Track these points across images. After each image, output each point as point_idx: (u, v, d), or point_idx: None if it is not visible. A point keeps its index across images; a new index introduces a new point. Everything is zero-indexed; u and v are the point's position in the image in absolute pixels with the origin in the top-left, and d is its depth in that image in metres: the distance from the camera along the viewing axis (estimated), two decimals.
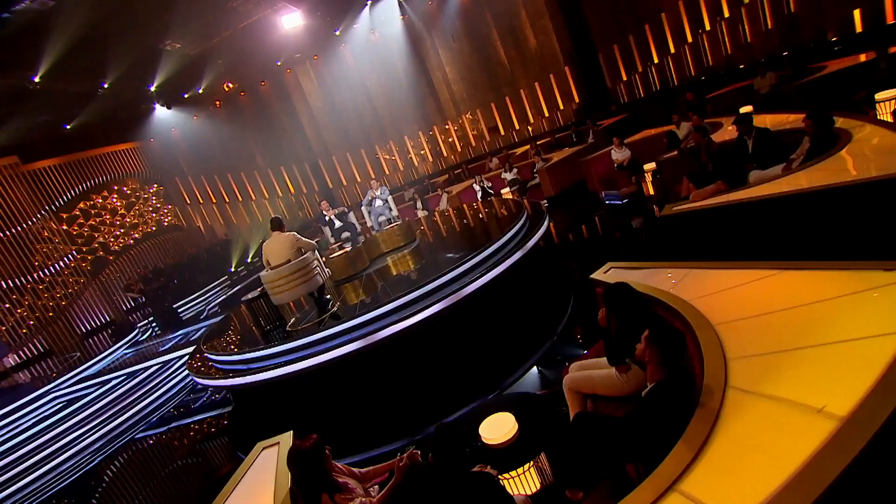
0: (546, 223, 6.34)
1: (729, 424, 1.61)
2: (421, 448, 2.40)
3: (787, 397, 1.61)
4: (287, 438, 2.81)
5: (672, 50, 13.14)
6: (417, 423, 4.35)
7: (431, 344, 5.04)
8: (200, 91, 16.33)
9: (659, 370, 1.97)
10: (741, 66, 11.36)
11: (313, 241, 5.39)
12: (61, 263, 13.86)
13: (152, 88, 14.48)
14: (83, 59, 11.23)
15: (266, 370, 4.75)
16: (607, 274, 3.29)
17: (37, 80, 10.80)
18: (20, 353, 12.62)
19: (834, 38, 9.82)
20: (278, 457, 2.67)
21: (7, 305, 12.66)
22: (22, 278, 13.02)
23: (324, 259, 7.04)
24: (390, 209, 9.12)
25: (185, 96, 16.37)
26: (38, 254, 13.56)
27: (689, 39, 12.75)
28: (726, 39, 11.97)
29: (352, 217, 9.29)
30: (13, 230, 13.16)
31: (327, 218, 8.74)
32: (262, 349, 5.02)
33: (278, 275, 4.96)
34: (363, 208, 9.45)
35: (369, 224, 9.32)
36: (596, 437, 2.15)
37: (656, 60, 13.46)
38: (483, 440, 2.64)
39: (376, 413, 4.78)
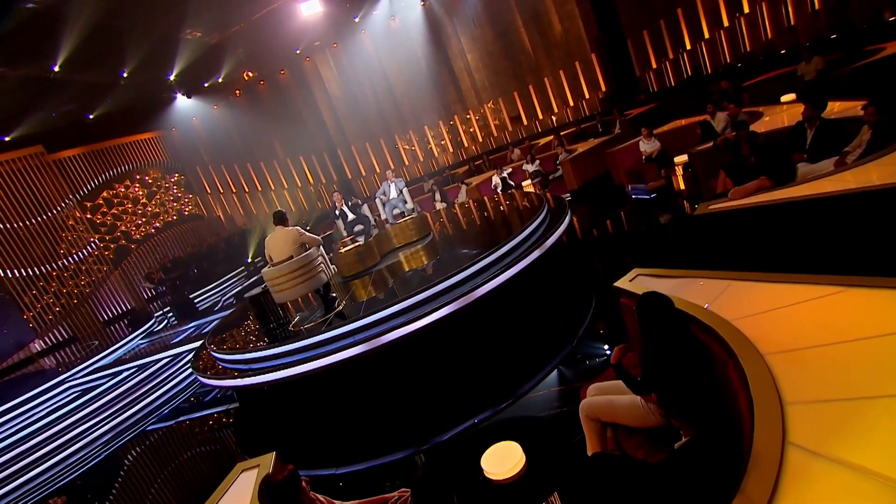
0: (567, 220, 5.92)
1: (792, 501, 1.24)
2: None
3: (874, 468, 1.23)
4: (268, 461, 2.54)
5: (706, 35, 12.38)
6: (425, 432, 4.07)
7: (440, 347, 4.74)
8: (220, 80, 16.26)
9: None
10: (782, 52, 10.56)
11: (318, 237, 5.13)
12: (85, 251, 14.06)
13: (171, 77, 14.45)
14: (102, 49, 11.22)
15: (264, 372, 4.52)
16: (633, 282, 2.89)
17: (56, 69, 10.81)
18: (45, 338, 12.86)
19: (892, 18, 8.97)
20: (256, 481, 2.40)
21: (34, 292, 12.88)
22: (48, 265, 13.24)
23: (335, 253, 6.83)
24: (405, 201, 8.79)
25: (206, 85, 16.33)
26: (63, 242, 13.77)
27: (726, 23, 11.97)
28: (767, 22, 11.16)
29: (365, 209, 9.02)
30: (40, 218, 13.38)
31: (338, 211, 8.48)
32: (261, 350, 4.79)
33: (279, 272, 4.71)
34: (377, 200, 9.15)
35: (383, 217, 9.02)
36: (618, 486, 1.80)
37: (689, 46, 12.71)
38: (486, 474, 2.31)
39: (382, 420, 4.52)
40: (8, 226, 12.74)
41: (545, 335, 4.85)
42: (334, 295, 5.46)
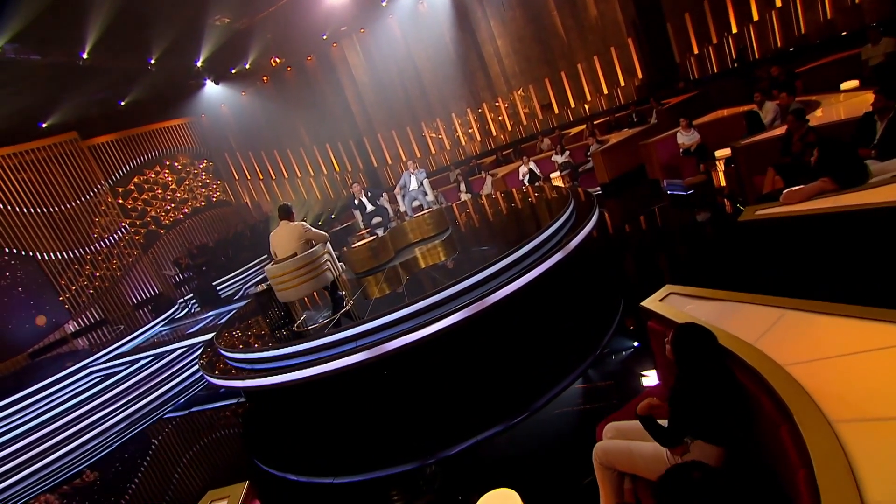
0: (594, 219, 5.47)
1: None
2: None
3: None
4: (239, 492, 2.28)
5: (755, 17, 11.44)
6: (431, 445, 3.77)
7: (450, 355, 4.43)
8: (248, 66, 16.22)
9: None
10: (843, 34, 9.60)
11: (324, 233, 4.86)
12: (117, 235, 14.35)
13: (199, 64, 14.45)
14: (130, 35, 11.25)
15: (263, 375, 4.31)
16: (664, 302, 2.47)
17: (85, 56, 10.88)
18: (79, 320, 13.23)
19: None
20: None
21: (70, 274, 13.25)
22: (82, 249, 13.58)
23: (349, 247, 6.59)
24: (425, 193, 8.45)
25: (233, 71, 16.32)
26: (96, 226, 14.08)
27: (778, 3, 11.02)
28: (826, 1, 10.18)
29: (384, 201, 8.73)
30: (74, 203, 13.71)
31: (356, 201, 8.22)
32: (260, 351, 4.58)
33: (282, 269, 4.46)
34: (396, 191, 8.85)
35: (402, 209, 8.72)
36: None
37: (735, 30, 11.80)
38: None
39: (385, 429, 4.25)
40: (44, 210, 13.09)
41: (565, 344, 4.46)
42: (342, 293, 5.20)
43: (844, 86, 6.62)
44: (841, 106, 5.87)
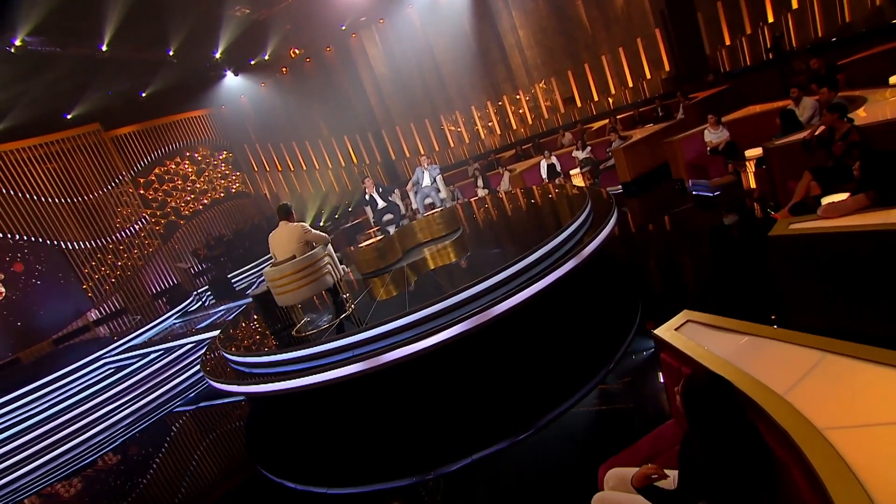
0: (611, 224, 5.14)
1: None
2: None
3: None
4: None
5: (794, 4, 10.73)
6: (431, 461, 3.58)
7: (451, 366, 4.22)
8: (266, 57, 16.14)
9: None
10: (893, 22, 8.87)
11: (325, 234, 4.66)
12: (137, 226, 14.55)
13: (217, 55, 14.42)
14: (149, 27, 11.25)
15: (259, 381, 4.16)
16: (680, 331, 2.18)
17: (104, 48, 10.91)
18: (100, 308, 13.49)
19: None
20: None
21: (94, 263, 13.50)
22: (104, 239, 13.82)
23: (356, 246, 6.42)
24: (438, 191, 8.20)
25: (252, 63, 16.28)
26: (118, 216, 14.30)
27: None
28: None
29: (396, 197, 8.52)
30: (97, 193, 13.93)
31: (368, 197, 8.03)
32: (257, 356, 4.44)
33: (281, 272, 4.28)
34: (409, 187, 8.63)
35: (414, 206, 8.50)
36: None
37: (771, 20, 11.10)
38: None
39: (384, 441, 4.07)
40: (68, 200, 13.34)
41: (575, 356, 4.18)
42: (346, 296, 5.01)
43: (894, 80, 6.08)
44: (888, 103, 5.37)
